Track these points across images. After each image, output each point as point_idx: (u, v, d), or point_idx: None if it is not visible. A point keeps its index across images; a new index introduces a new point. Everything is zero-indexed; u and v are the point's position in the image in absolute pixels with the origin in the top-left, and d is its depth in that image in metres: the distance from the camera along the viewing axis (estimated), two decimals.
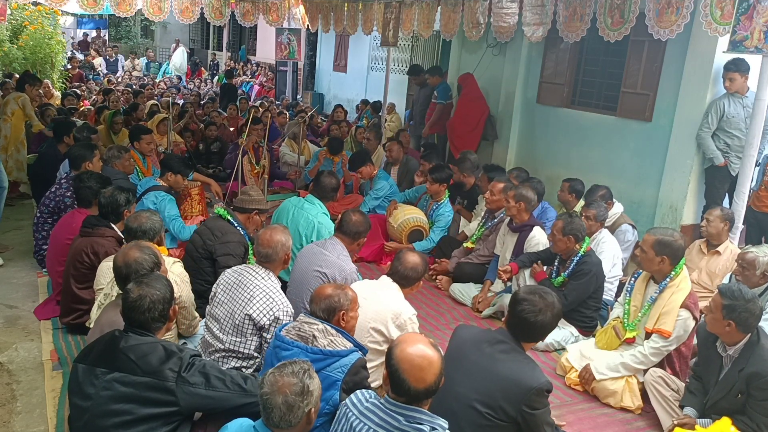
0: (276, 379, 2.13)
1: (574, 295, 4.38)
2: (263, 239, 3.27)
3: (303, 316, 2.81)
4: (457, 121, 8.22)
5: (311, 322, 2.75)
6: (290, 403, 2.09)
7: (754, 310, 3.05)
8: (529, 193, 4.93)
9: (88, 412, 2.42)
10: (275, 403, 2.09)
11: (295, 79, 16.84)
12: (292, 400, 2.09)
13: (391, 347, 2.24)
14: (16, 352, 3.91)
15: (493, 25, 6.44)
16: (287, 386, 2.11)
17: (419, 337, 2.27)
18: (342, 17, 9.46)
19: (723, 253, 4.65)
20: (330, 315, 2.80)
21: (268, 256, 3.26)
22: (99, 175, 4.69)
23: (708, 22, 4.49)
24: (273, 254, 3.26)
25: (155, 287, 2.60)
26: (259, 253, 3.28)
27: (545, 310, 2.69)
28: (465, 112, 8.16)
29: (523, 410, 2.53)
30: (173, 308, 2.70)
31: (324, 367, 2.57)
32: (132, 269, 2.95)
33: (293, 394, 2.10)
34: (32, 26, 11.25)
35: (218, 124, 9.56)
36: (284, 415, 2.09)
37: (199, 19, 9.84)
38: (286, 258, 3.32)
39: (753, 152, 4.46)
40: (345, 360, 2.60)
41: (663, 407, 3.55)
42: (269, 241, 3.25)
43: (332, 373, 2.56)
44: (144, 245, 3.15)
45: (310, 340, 2.65)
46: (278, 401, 2.09)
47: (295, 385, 2.11)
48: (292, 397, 2.10)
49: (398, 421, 2.16)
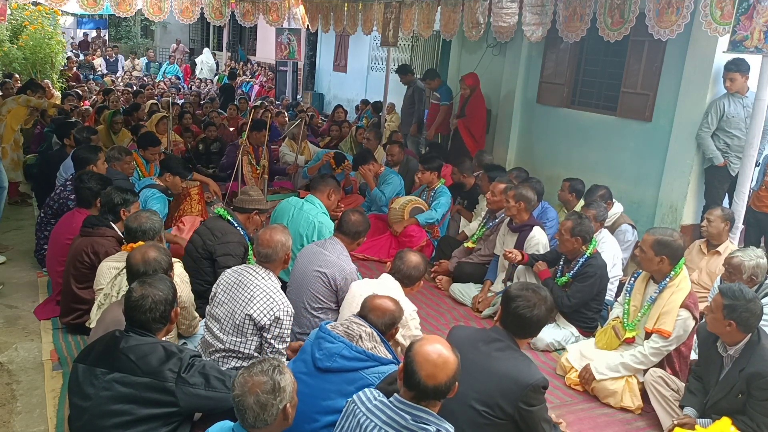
0: (246, 380, 2.09)
1: (578, 297, 4.38)
2: (263, 239, 3.27)
3: (354, 317, 2.85)
4: (474, 121, 8.00)
5: (361, 323, 2.77)
6: (263, 402, 2.06)
7: (754, 310, 3.05)
8: (529, 193, 4.93)
9: (88, 413, 2.42)
10: (248, 404, 2.06)
11: (295, 79, 16.83)
12: (264, 398, 2.06)
13: (413, 342, 2.28)
14: (16, 352, 3.91)
15: (493, 25, 6.44)
16: (257, 385, 2.08)
17: (441, 340, 2.31)
18: (342, 17, 9.45)
19: (723, 254, 4.63)
20: (388, 328, 2.86)
21: (268, 256, 3.26)
22: (100, 175, 4.69)
23: (708, 22, 4.48)
24: (273, 254, 3.26)
25: (158, 288, 2.60)
26: (259, 253, 3.28)
27: (539, 304, 2.70)
28: (478, 112, 7.99)
29: (520, 407, 2.53)
30: (175, 310, 2.70)
31: (362, 368, 2.60)
32: (150, 267, 2.97)
33: (264, 392, 2.07)
34: (32, 26, 11.26)
35: (218, 124, 9.56)
36: (258, 414, 2.06)
37: (199, 19, 9.84)
38: (286, 258, 3.32)
39: (753, 152, 4.46)
40: (384, 368, 2.62)
41: (663, 407, 3.55)
42: (269, 241, 3.25)
43: (369, 376, 2.58)
44: (160, 246, 3.19)
45: (356, 339, 2.67)
46: (250, 402, 2.06)
47: (265, 383, 2.08)
48: (264, 396, 2.06)
49: (405, 420, 2.17)
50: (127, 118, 8.56)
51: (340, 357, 2.62)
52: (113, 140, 7.71)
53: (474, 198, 6.18)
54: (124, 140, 7.61)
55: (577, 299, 4.39)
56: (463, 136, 8.13)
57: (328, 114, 12.48)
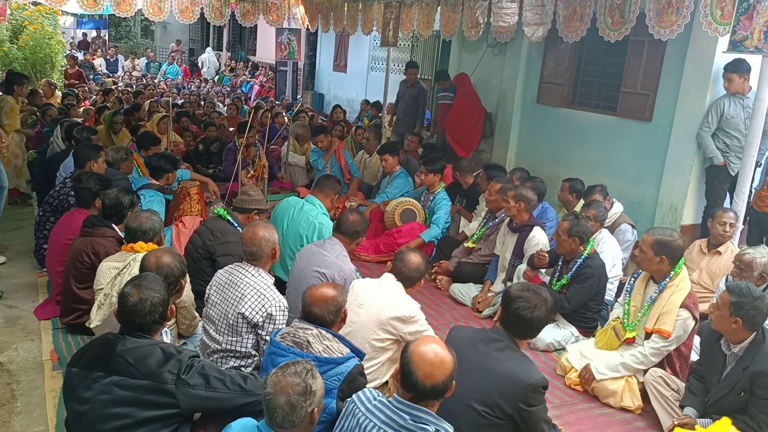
0: (279, 379, 2.13)
1: (577, 299, 4.38)
2: (246, 238, 3.28)
3: (297, 322, 2.79)
4: (455, 119, 8.25)
5: (306, 327, 2.73)
6: (293, 403, 2.09)
7: (761, 307, 3.06)
8: (529, 193, 4.93)
9: (87, 417, 2.41)
10: (278, 403, 2.09)
11: (295, 79, 16.84)
12: (295, 400, 2.09)
13: (408, 343, 2.28)
14: (16, 352, 3.91)
15: (493, 25, 6.44)
16: (290, 386, 2.10)
17: (437, 339, 2.32)
18: (342, 17, 9.46)
19: (724, 254, 4.64)
20: (336, 316, 2.80)
21: (253, 254, 3.27)
22: (98, 175, 4.69)
23: (708, 22, 4.48)
24: (258, 251, 3.26)
25: (154, 290, 2.58)
26: (245, 252, 3.29)
27: (540, 305, 2.69)
28: (462, 111, 8.22)
29: (520, 407, 2.53)
30: (170, 308, 2.69)
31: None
32: (163, 273, 2.96)
33: (296, 394, 2.10)
34: (32, 26, 11.25)
35: (218, 124, 9.56)
36: (287, 415, 2.09)
37: (199, 19, 9.84)
38: (273, 253, 3.32)
39: (753, 152, 4.46)
40: (341, 368, 2.58)
41: (663, 407, 3.55)
42: (252, 239, 3.26)
43: (328, 381, 2.52)
44: (175, 251, 3.18)
45: (305, 345, 2.63)
46: (281, 401, 2.09)
47: (297, 385, 2.11)
48: (295, 397, 2.09)
49: (404, 420, 2.17)
50: (127, 118, 8.56)
51: None
52: (113, 140, 7.70)
53: (474, 198, 6.18)
54: (124, 140, 7.61)
55: (576, 301, 4.38)
56: (452, 144, 8.25)
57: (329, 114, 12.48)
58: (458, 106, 8.28)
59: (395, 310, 3.32)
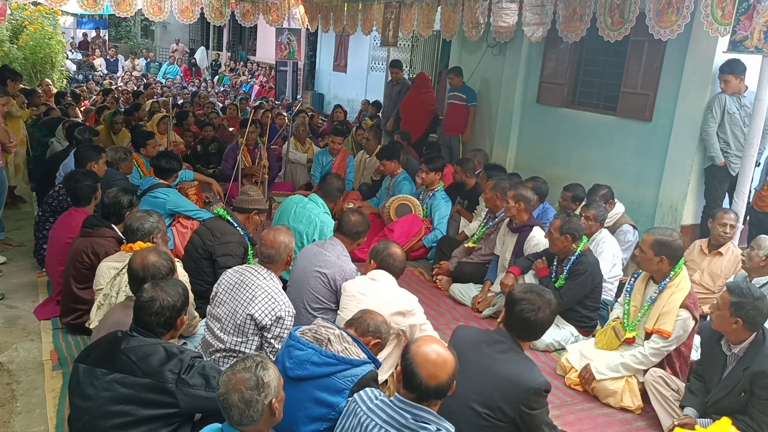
0: (229, 378, 2.09)
1: (570, 294, 4.37)
2: (266, 240, 3.28)
3: (321, 321, 2.82)
4: (408, 108, 8.90)
5: (328, 326, 2.74)
6: (247, 399, 2.06)
7: (762, 308, 3.06)
8: (529, 193, 4.92)
9: (88, 413, 2.42)
10: (232, 401, 2.06)
11: (295, 79, 16.84)
12: (249, 395, 2.06)
13: (408, 344, 2.28)
14: (16, 352, 3.91)
15: (493, 25, 6.44)
16: (241, 382, 2.07)
17: (437, 339, 2.32)
18: (342, 17, 9.46)
19: (725, 254, 4.64)
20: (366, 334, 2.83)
21: (270, 257, 3.27)
22: (92, 173, 4.71)
23: (708, 22, 4.49)
24: (276, 255, 3.27)
25: (169, 293, 2.60)
26: (262, 254, 3.29)
27: (544, 307, 2.69)
28: (414, 103, 8.85)
29: (522, 410, 2.53)
30: (181, 319, 2.68)
31: (334, 373, 2.56)
32: (149, 273, 2.96)
33: (248, 389, 2.07)
34: (32, 26, 11.27)
35: (216, 125, 9.56)
36: (243, 411, 2.06)
37: (199, 19, 9.85)
38: (288, 259, 3.34)
39: (753, 152, 4.47)
40: (357, 370, 2.58)
41: (663, 407, 3.55)
42: (272, 242, 3.26)
43: (341, 380, 2.53)
44: (162, 250, 3.16)
45: (325, 343, 2.63)
46: (235, 399, 2.06)
47: (249, 379, 2.08)
48: (248, 393, 2.06)
49: (405, 419, 2.18)
50: (128, 119, 8.57)
51: (310, 364, 2.57)
52: (113, 140, 7.71)
53: (474, 198, 6.17)
54: (124, 140, 7.61)
55: (569, 297, 4.37)
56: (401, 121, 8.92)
57: (329, 114, 12.48)
58: (411, 98, 8.87)
59: (395, 305, 3.33)
